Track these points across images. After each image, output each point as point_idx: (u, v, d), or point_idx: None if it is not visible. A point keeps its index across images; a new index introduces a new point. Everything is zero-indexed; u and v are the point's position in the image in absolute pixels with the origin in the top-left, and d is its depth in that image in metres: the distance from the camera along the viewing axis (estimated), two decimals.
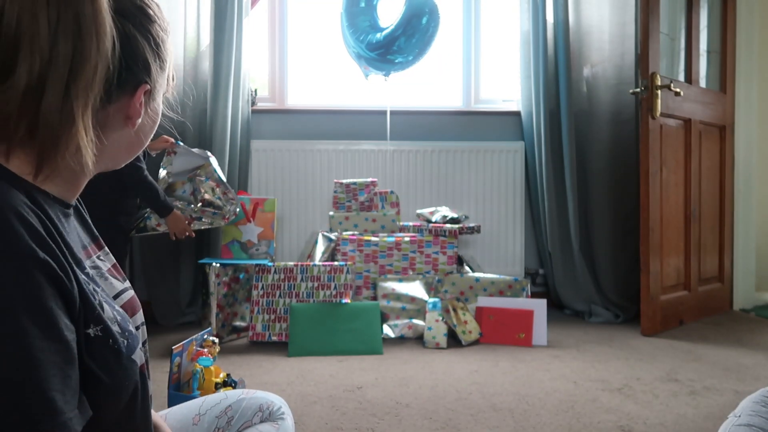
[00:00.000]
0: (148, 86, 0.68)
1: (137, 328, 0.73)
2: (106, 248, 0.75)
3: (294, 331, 2.38)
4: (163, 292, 2.84)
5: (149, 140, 0.74)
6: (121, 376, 0.63)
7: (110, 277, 0.72)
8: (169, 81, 0.73)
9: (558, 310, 3.06)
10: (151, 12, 0.67)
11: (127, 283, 0.75)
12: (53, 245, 0.56)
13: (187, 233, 2.42)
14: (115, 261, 0.75)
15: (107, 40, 0.60)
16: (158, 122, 0.75)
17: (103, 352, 0.60)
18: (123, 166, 0.74)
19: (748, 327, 2.78)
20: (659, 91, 2.60)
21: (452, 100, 3.32)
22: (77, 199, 0.73)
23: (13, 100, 0.57)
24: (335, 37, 2.98)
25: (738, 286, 3.17)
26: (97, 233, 0.76)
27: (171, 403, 1.74)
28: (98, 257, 0.72)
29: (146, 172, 2.29)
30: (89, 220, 0.76)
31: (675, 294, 2.79)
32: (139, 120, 0.69)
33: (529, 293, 2.70)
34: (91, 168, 0.63)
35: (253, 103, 3.05)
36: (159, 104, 0.73)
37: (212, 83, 2.83)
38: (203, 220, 2.50)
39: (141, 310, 0.76)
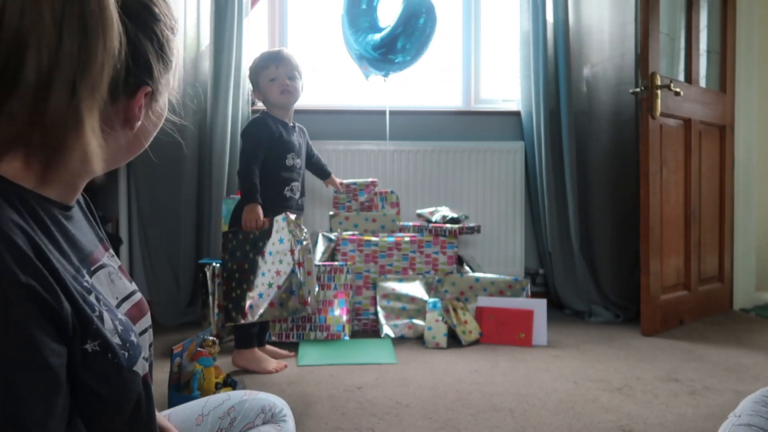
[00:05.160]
0: (150, 88, 0.65)
1: (144, 330, 0.72)
2: (111, 250, 0.74)
3: (304, 343, 2.43)
4: (163, 292, 2.84)
5: (149, 141, 0.72)
6: (122, 389, 0.62)
7: (122, 277, 0.72)
8: (172, 81, 0.70)
9: (558, 310, 3.07)
10: (156, 10, 0.65)
11: (135, 285, 0.75)
12: (40, 264, 0.53)
13: (258, 225, 2.21)
14: (120, 263, 0.74)
15: (114, 37, 0.57)
16: (161, 123, 0.72)
17: (101, 367, 0.59)
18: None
19: (748, 327, 2.78)
20: (659, 91, 2.61)
21: (452, 100, 3.32)
22: (83, 196, 0.72)
23: (24, 106, 0.54)
24: (335, 38, 2.98)
25: (738, 286, 3.17)
26: (104, 234, 0.74)
27: (171, 403, 1.75)
28: (106, 258, 0.71)
29: (253, 163, 2.19)
30: (96, 220, 0.74)
31: (675, 294, 2.79)
32: (139, 123, 0.66)
33: (529, 293, 2.71)
34: (100, 173, 0.61)
35: (253, 103, 3.04)
36: (163, 105, 0.70)
37: (212, 83, 2.83)
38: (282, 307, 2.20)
39: (149, 313, 0.75)
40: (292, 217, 2.22)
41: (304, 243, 2.23)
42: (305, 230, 2.26)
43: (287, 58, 2.26)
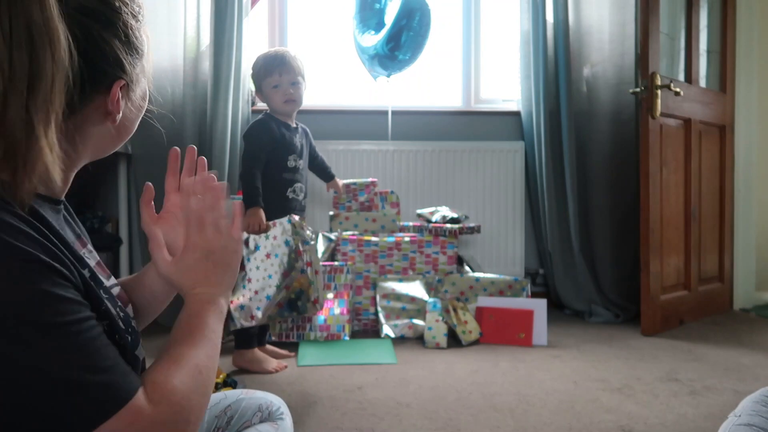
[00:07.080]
0: (123, 81, 0.66)
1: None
2: (90, 246, 0.75)
3: (304, 343, 2.43)
4: None
5: (134, 129, 0.74)
6: None
7: (98, 273, 0.72)
8: (147, 67, 0.71)
9: (558, 310, 3.06)
10: (116, 4, 0.65)
11: (113, 279, 0.75)
12: (54, 249, 0.56)
13: (261, 229, 2.22)
14: (98, 258, 0.75)
15: (62, 48, 0.57)
16: (144, 108, 0.73)
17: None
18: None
19: (748, 327, 2.78)
20: (659, 91, 2.60)
21: (452, 100, 3.32)
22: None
23: None
24: (336, 38, 2.98)
25: (738, 285, 3.17)
26: (82, 231, 0.75)
27: None
28: (84, 254, 0.71)
29: (255, 166, 2.20)
30: (74, 216, 0.75)
31: (675, 294, 2.79)
32: (119, 115, 0.67)
33: (529, 293, 2.71)
34: (60, 184, 0.63)
35: (253, 103, 3.04)
36: (142, 92, 0.71)
37: (212, 83, 2.82)
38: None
39: (130, 305, 0.77)
40: (296, 218, 2.22)
41: (312, 243, 2.24)
42: (311, 230, 2.27)
43: (290, 63, 2.25)
